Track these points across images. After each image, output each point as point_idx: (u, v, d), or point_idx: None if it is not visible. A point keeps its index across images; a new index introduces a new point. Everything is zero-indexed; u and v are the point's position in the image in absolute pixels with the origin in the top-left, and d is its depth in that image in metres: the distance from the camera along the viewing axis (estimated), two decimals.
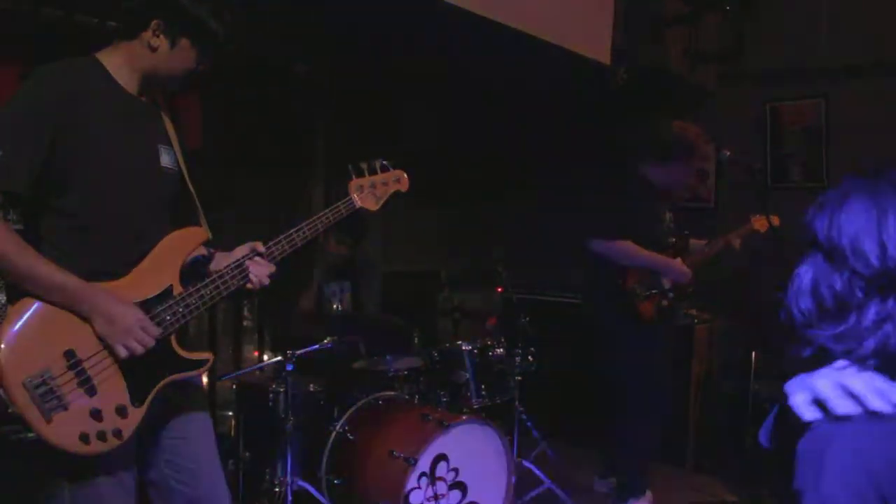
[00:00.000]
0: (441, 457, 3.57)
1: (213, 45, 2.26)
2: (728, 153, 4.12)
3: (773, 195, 5.59)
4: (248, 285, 2.35)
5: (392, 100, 6.21)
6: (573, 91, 6.12)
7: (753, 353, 5.11)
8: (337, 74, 5.62)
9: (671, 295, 4.24)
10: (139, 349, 2.06)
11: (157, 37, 2.16)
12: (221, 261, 2.38)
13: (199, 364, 2.27)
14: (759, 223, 4.37)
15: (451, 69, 5.60)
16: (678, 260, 4.24)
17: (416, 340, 4.67)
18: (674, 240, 4.33)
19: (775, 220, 4.28)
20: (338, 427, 3.76)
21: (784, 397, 1.33)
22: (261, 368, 4.19)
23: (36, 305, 1.99)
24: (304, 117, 5.67)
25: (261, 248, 2.38)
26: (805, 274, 1.34)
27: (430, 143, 6.38)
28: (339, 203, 2.58)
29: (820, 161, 5.75)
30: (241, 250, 2.39)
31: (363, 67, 5.62)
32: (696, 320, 5.38)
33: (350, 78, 5.70)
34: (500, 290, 5.45)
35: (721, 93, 6.12)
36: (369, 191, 2.67)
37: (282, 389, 3.70)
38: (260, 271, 2.35)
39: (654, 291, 4.16)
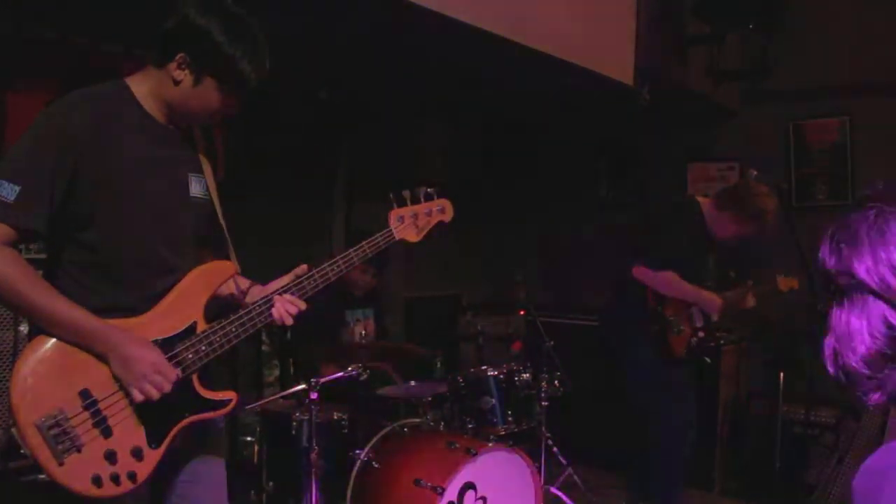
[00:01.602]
0: (469, 485, 3.50)
1: (243, 90, 2.12)
2: (755, 173, 4.08)
3: (797, 214, 5.53)
4: (270, 320, 2.23)
5: (413, 124, 6.20)
6: (596, 112, 6.10)
7: (781, 374, 5.03)
8: (359, 100, 5.61)
9: (700, 334, 4.21)
10: (154, 394, 1.99)
11: (182, 70, 2.05)
12: (256, 294, 2.29)
13: (221, 404, 2.18)
14: (784, 283, 4.34)
15: (473, 92, 5.60)
16: (712, 293, 4.20)
17: (438, 366, 4.61)
18: (709, 284, 4.30)
19: (794, 284, 4.31)
20: (362, 455, 3.70)
21: None
22: (284, 396, 4.14)
23: (51, 343, 1.93)
24: (325, 144, 5.65)
25: (303, 270, 2.29)
26: (854, 318, 1.27)
27: (450, 165, 6.37)
28: (378, 235, 2.45)
29: (845, 179, 5.69)
30: (274, 284, 2.30)
31: (385, 93, 5.62)
32: (723, 342, 5.31)
33: (372, 103, 5.70)
34: (522, 313, 5.40)
35: (744, 111, 6.07)
36: (410, 221, 2.53)
37: (305, 417, 3.65)
38: (285, 308, 2.23)
39: (683, 329, 4.14)
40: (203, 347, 2.11)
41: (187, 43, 2.03)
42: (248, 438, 4.41)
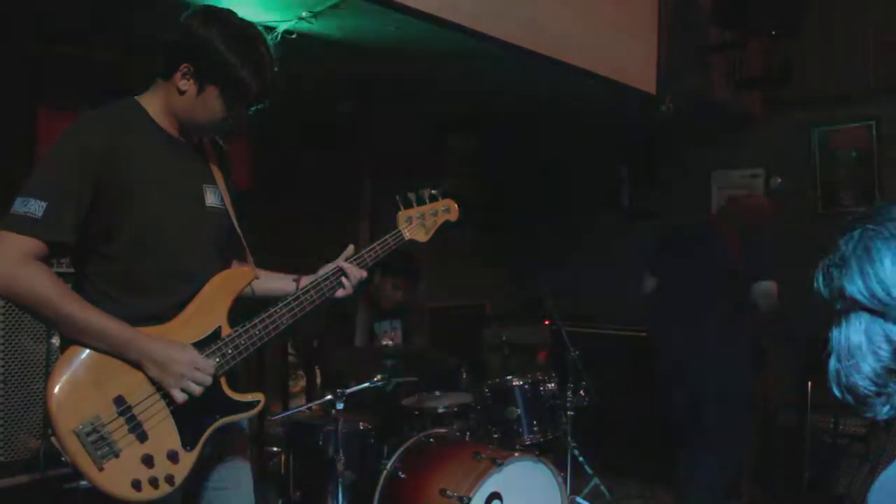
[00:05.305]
0: (494, 495, 3.50)
1: (245, 99, 2.16)
2: (779, 180, 4.06)
3: (823, 220, 5.49)
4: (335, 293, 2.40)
5: (437, 134, 6.23)
6: (618, 120, 6.09)
7: (809, 384, 4.98)
8: (381, 110, 5.64)
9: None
10: (197, 390, 2.04)
11: (187, 80, 2.11)
12: (307, 281, 2.40)
13: (250, 406, 2.22)
14: None
15: (497, 100, 5.61)
16: None
17: (464, 376, 4.61)
18: None
19: None
20: (389, 465, 3.71)
21: None
22: (310, 407, 4.16)
23: (85, 353, 1.98)
24: (349, 154, 5.68)
25: (348, 253, 2.45)
26: (854, 337, 1.27)
27: (474, 173, 6.39)
28: (388, 236, 2.52)
29: (871, 185, 5.63)
30: (324, 270, 2.43)
31: (409, 104, 5.66)
32: None
33: (394, 113, 5.73)
34: (547, 322, 5.39)
35: (768, 118, 6.03)
36: (418, 222, 2.60)
37: (332, 428, 3.66)
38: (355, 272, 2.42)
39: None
40: (229, 351, 2.15)
41: (190, 53, 2.09)
42: (275, 448, 4.43)
